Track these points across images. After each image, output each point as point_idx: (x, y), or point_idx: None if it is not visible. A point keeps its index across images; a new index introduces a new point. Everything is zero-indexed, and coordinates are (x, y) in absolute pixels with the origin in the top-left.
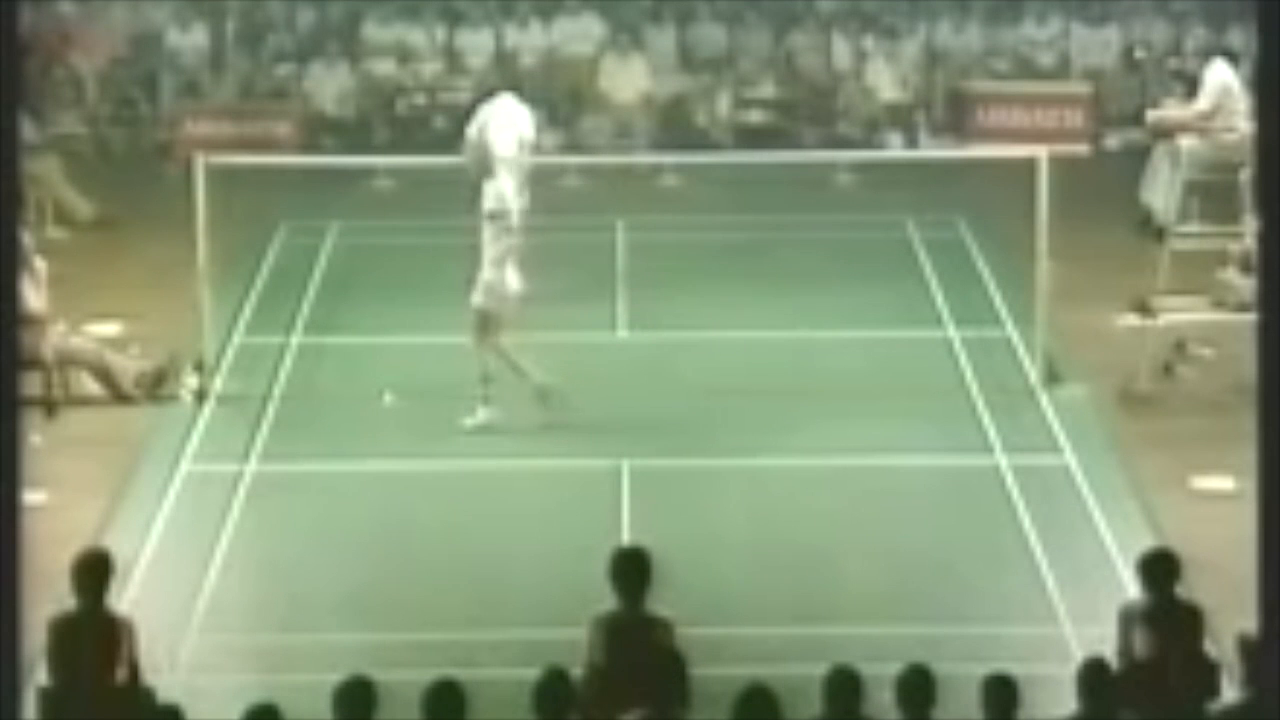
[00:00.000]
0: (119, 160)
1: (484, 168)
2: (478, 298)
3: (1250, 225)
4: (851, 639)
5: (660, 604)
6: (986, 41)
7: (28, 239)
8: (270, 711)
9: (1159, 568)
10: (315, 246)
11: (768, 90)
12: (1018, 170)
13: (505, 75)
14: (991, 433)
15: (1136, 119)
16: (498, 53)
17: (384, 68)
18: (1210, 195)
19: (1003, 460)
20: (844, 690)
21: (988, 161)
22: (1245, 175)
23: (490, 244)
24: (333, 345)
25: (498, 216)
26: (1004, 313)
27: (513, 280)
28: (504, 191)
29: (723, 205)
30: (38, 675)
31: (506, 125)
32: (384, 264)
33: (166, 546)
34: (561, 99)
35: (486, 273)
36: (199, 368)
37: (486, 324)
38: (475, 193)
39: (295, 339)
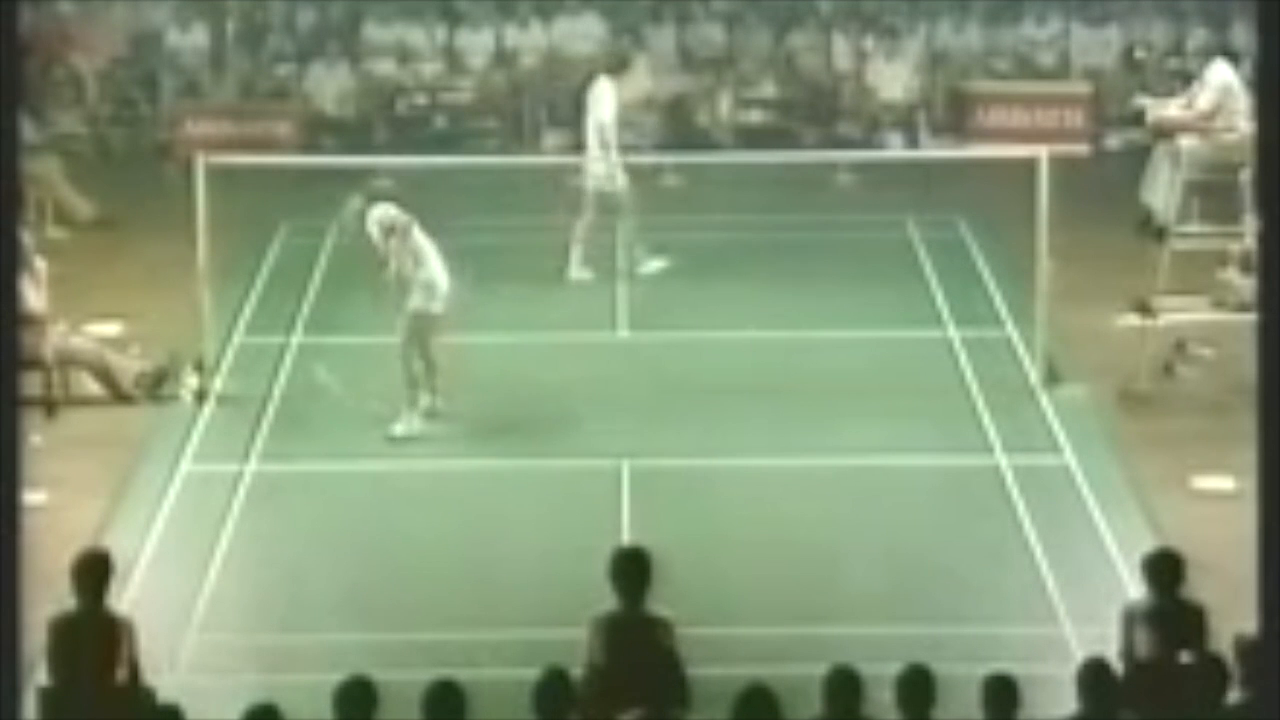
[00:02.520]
0: (119, 160)
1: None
2: (417, 300)
3: (1250, 225)
4: (851, 639)
5: (660, 604)
6: (986, 41)
7: (28, 239)
8: (270, 711)
9: (1162, 568)
10: (315, 246)
11: (768, 90)
12: (1018, 170)
13: (505, 75)
14: (991, 433)
15: (1137, 119)
16: (498, 53)
17: (384, 68)
18: (1210, 195)
19: (1003, 460)
20: (844, 690)
21: (988, 161)
22: (1245, 175)
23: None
24: (333, 345)
25: (390, 229)
26: (1004, 313)
27: (443, 279)
28: (380, 216)
29: (723, 205)
30: (38, 675)
31: (594, 106)
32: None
33: (166, 546)
34: (562, 99)
35: (421, 272)
36: (199, 368)
37: (423, 327)
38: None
39: (295, 339)
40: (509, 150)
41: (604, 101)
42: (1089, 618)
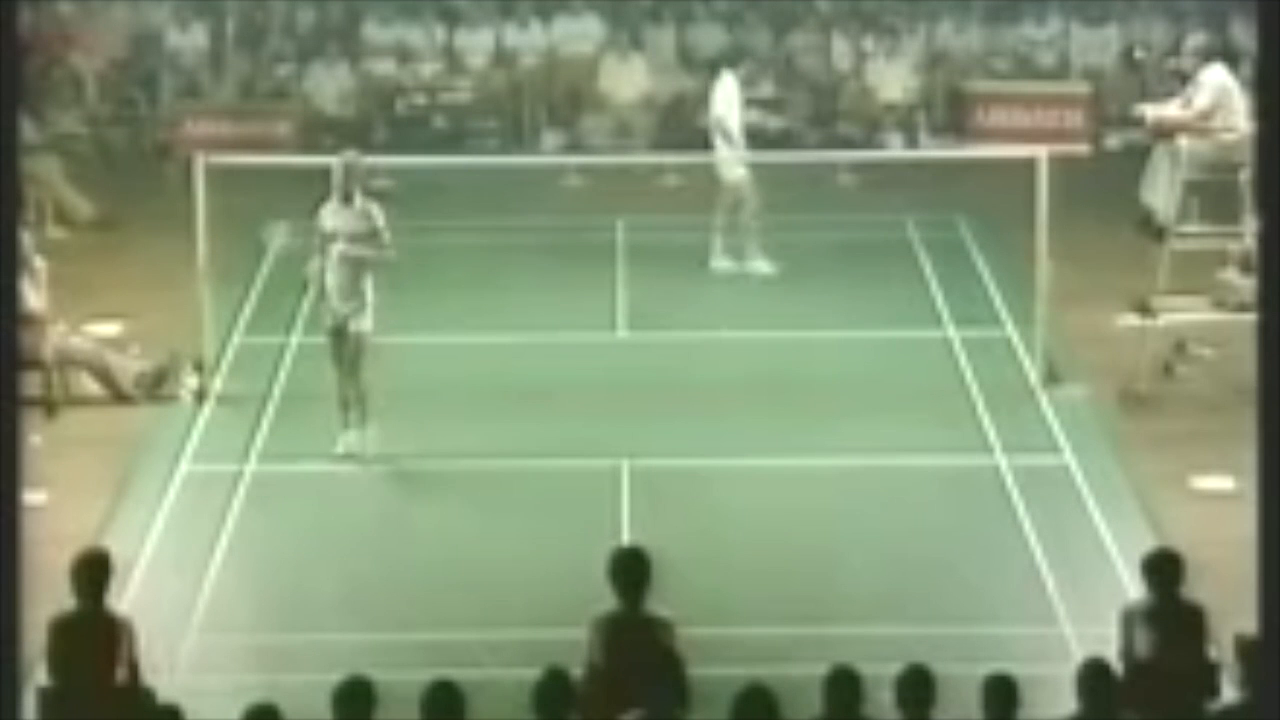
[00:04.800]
0: (119, 160)
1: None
2: (368, 324)
3: (1250, 225)
4: (851, 639)
5: (660, 604)
6: (986, 41)
7: (28, 239)
8: (270, 711)
9: (1162, 568)
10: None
11: (768, 90)
12: (1018, 170)
13: (505, 75)
14: (991, 433)
15: (1138, 123)
16: (498, 53)
17: (384, 68)
18: (1210, 195)
19: (1003, 460)
20: (844, 690)
21: (988, 161)
22: (1245, 175)
23: (372, 268)
24: None
25: (377, 236)
26: (1004, 313)
27: None
28: (374, 212)
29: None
30: (38, 675)
31: (715, 101)
32: (383, 263)
33: (166, 546)
34: (561, 99)
35: (369, 296)
36: (199, 368)
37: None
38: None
39: (295, 339)
40: (509, 150)
41: (721, 96)
42: (1089, 618)
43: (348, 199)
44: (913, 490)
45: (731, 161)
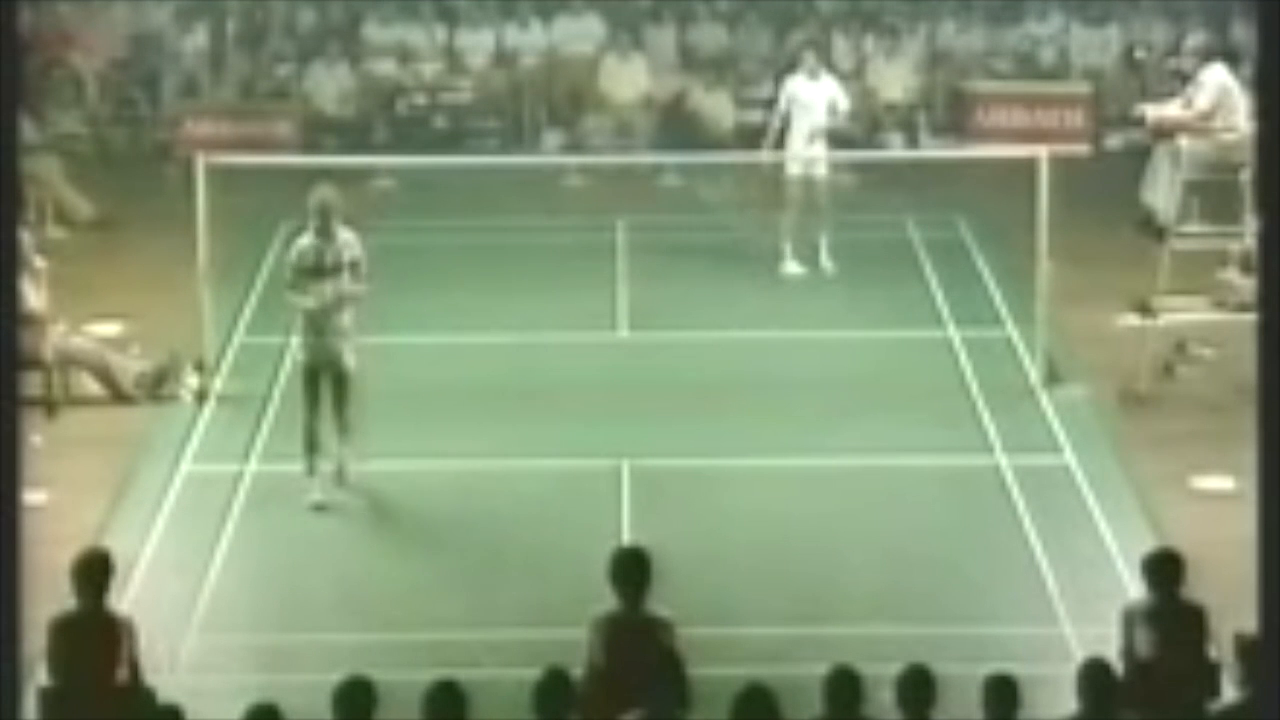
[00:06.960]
0: (119, 160)
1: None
2: (352, 358)
3: (1250, 225)
4: (851, 639)
5: (660, 604)
6: (987, 41)
7: (28, 239)
8: (270, 711)
9: (1162, 568)
10: None
11: (768, 90)
12: (1018, 170)
13: (505, 75)
14: (991, 433)
15: (1138, 123)
16: (498, 53)
17: (384, 68)
18: (1210, 195)
19: (1003, 460)
20: (844, 690)
21: (988, 161)
22: (1245, 175)
23: (352, 301)
24: None
25: (357, 267)
26: (1004, 313)
27: None
28: (353, 242)
29: (722, 205)
30: (38, 675)
31: (782, 102)
32: (383, 264)
33: (166, 546)
34: (562, 99)
35: (351, 329)
36: (199, 368)
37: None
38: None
39: (295, 339)
40: (509, 150)
41: (783, 96)
42: (1089, 618)
43: (327, 232)
44: (913, 490)
45: (791, 162)
